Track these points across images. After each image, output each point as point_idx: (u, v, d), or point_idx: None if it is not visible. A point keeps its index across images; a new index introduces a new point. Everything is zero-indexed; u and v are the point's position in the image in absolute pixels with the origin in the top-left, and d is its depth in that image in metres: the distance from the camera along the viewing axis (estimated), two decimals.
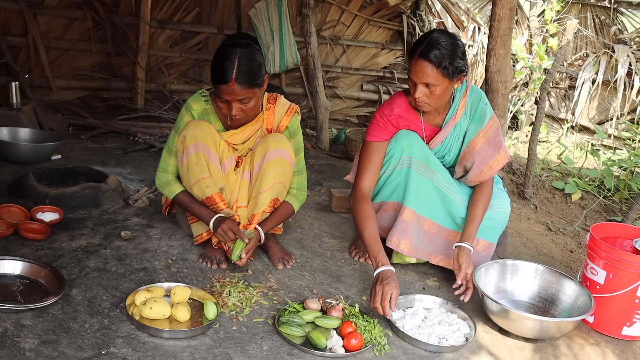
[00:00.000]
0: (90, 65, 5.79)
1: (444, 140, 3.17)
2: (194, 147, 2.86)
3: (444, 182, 3.20)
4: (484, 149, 3.11)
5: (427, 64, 2.83)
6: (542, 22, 7.99)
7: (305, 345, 2.48)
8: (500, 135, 3.16)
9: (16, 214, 3.15)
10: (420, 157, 3.12)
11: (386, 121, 3.13)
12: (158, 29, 5.96)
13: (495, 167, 3.12)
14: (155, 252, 3.03)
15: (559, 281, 3.07)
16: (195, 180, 2.88)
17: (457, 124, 3.14)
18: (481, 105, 3.12)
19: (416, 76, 2.87)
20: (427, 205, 3.18)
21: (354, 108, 7.07)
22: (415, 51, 2.87)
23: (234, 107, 2.81)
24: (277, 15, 6.29)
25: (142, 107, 5.70)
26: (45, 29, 5.48)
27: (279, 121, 3.07)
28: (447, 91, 2.95)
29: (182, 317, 2.48)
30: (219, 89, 2.78)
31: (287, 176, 3.04)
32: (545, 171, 5.81)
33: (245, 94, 2.78)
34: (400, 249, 3.15)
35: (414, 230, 3.18)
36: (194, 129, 2.87)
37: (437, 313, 2.88)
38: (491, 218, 3.20)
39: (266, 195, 2.97)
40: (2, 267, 2.61)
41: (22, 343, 2.19)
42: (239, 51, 2.76)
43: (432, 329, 2.72)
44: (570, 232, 4.68)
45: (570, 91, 7.85)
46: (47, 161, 4.10)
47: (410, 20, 7.09)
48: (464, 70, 2.92)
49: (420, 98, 2.91)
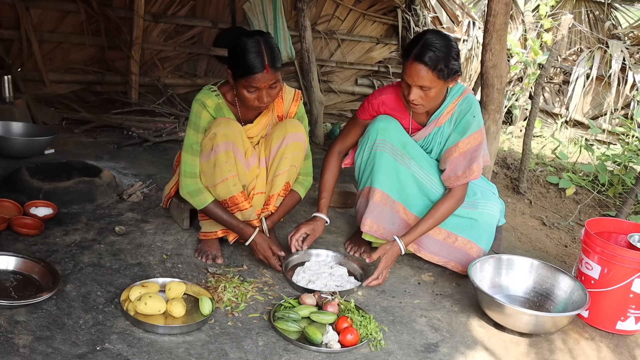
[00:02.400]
0: (84, 59, 5.75)
1: (423, 139, 3.18)
2: (224, 145, 2.81)
3: (422, 171, 3.17)
4: (458, 160, 3.05)
5: (422, 67, 2.79)
6: (537, 17, 7.99)
7: (301, 341, 2.47)
8: (479, 151, 3.05)
9: (9, 209, 3.13)
10: (395, 142, 3.11)
11: (369, 104, 3.17)
12: (152, 23, 5.93)
13: (463, 179, 3.05)
14: (149, 247, 3.02)
15: (554, 276, 3.07)
16: (223, 179, 2.85)
17: (439, 127, 3.11)
18: (467, 117, 3.05)
19: (411, 79, 2.84)
20: (401, 192, 3.18)
21: (349, 102, 7.06)
22: (410, 54, 2.83)
23: (265, 93, 2.78)
24: (271, 9, 6.26)
25: (136, 101, 5.67)
26: (38, 22, 5.44)
27: (288, 107, 3.08)
28: (441, 92, 2.93)
29: (177, 313, 2.47)
30: (252, 79, 2.73)
31: (300, 160, 3.08)
32: (540, 166, 5.81)
33: (276, 77, 2.78)
34: (373, 232, 3.18)
35: (388, 214, 3.18)
36: (226, 127, 2.83)
37: (329, 267, 3.13)
38: (470, 217, 3.20)
39: (282, 178, 3.02)
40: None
41: (16, 339, 2.18)
42: (261, 39, 2.76)
43: (325, 281, 2.93)
44: (565, 226, 4.69)
45: (565, 86, 7.87)
46: (40, 155, 4.08)
47: (405, 14, 7.08)
48: (459, 71, 2.90)
49: (415, 100, 2.88)
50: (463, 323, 2.86)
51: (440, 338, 2.70)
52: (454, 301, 3.03)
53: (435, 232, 3.22)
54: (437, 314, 2.89)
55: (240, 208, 2.93)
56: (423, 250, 3.23)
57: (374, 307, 2.85)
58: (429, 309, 2.92)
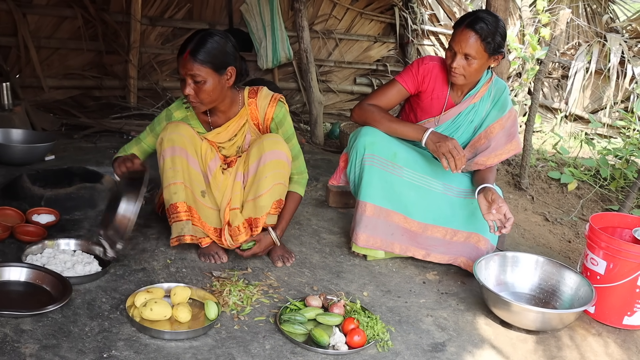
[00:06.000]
0: (82, 64, 5.75)
1: (455, 117, 3.23)
2: (170, 150, 2.84)
3: (416, 174, 3.21)
4: (499, 136, 3.20)
5: (472, 34, 2.95)
6: (534, 12, 7.98)
7: (308, 343, 2.46)
8: (516, 126, 3.24)
9: (11, 216, 3.12)
10: (384, 154, 3.14)
11: (418, 69, 3.19)
12: (149, 26, 5.93)
13: (502, 155, 3.22)
14: (153, 252, 3.01)
15: (559, 272, 3.06)
16: (167, 185, 2.88)
17: (475, 105, 3.21)
18: (505, 95, 3.23)
19: (458, 45, 2.97)
20: (398, 202, 3.19)
21: (348, 102, 7.05)
22: (463, 22, 3.00)
23: (189, 85, 2.75)
24: (268, 10, 6.25)
25: (134, 105, 5.67)
26: (35, 28, 5.43)
27: (264, 113, 3.01)
28: (482, 67, 3.06)
29: (183, 318, 2.46)
30: (178, 64, 2.77)
31: (285, 177, 3.01)
32: (541, 161, 5.81)
33: (197, 70, 2.71)
34: (370, 245, 3.18)
35: (382, 226, 3.18)
36: (172, 132, 2.85)
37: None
38: (467, 208, 3.22)
39: (266, 198, 2.93)
40: (7, 274, 2.57)
41: (23, 348, 2.16)
42: (206, 31, 2.76)
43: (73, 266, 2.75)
44: (568, 222, 4.68)
45: (563, 80, 7.85)
46: (40, 162, 4.06)
47: (402, 12, 7.08)
48: (503, 50, 3.04)
49: (457, 68, 3.01)
50: (469, 321, 2.85)
51: (447, 337, 2.69)
52: (460, 300, 3.02)
53: (434, 231, 3.22)
54: (443, 313, 2.88)
55: (178, 218, 2.92)
56: (432, 254, 3.22)
57: (380, 308, 2.84)
58: (435, 308, 2.91)
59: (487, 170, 3.22)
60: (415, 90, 3.22)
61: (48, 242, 2.89)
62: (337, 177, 3.44)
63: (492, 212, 2.95)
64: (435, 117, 3.25)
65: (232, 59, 2.82)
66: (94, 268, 2.76)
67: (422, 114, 3.28)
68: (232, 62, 2.82)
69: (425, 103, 3.24)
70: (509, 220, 2.94)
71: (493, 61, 3.07)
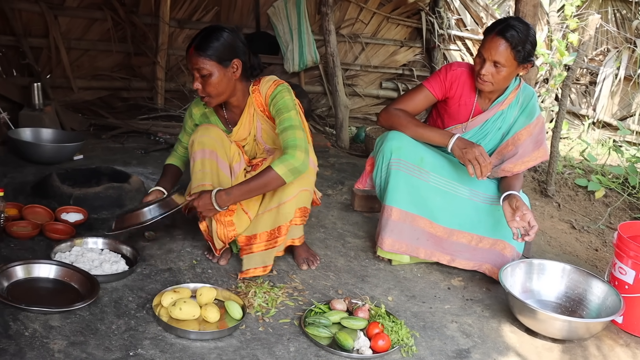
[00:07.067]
0: (110, 66, 5.82)
1: (483, 124, 3.21)
2: (200, 152, 2.87)
3: (443, 180, 3.21)
4: (527, 143, 3.18)
5: (502, 42, 2.93)
6: (562, 17, 7.91)
7: (332, 347, 2.46)
8: (543, 134, 3.22)
9: (41, 214, 3.16)
10: (410, 159, 3.13)
11: (446, 75, 3.18)
12: (177, 29, 5.99)
13: (530, 162, 3.20)
14: (179, 252, 3.03)
15: (586, 281, 3.03)
16: (195, 186, 2.91)
17: (503, 111, 3.20)
18: (533, 101, 3.22)
19: (488, 52, 2.96)
20: (424, 206, 3.18)
21: (373, 106, 7.05)
22: (493, 29, 2.98)
23: (197, 79, 2.78)
24: (295, 14, 6.27)
25: (162, 107, 5.72)
26: (66, 29, 5.51)
27: (264, 97, 2.95)
28: (511, 75, 3.04)
29: (212, 318, 2.48)
30: (186, 59, 2.83)
31: (312, 183, 2.98)
32: (568, 168, 5.75)
33: (202, 64, 2.73)
34: (395, 249, 3.18)
35: (408, 230, 3.17)
36: (202, 135, 2.88)
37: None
38: (493, 215, 3.19)
39: (290, 205, 2.87)
40: (37, 270, 2.61)
41: (51, 344, 2.20)
42: (212, 27, 2.79)
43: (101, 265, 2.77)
44: (595, 230, 4.63)
45: (591, 87, 7.77)
46: (69, 161, 4.12)
47: (429, 17, 7.06)
48: (532, 59, 3.02)
49: (485, 76, 2.99)
50: (494, 329, 2.83)
51: (472, 344, 2.68)
52: (485, 306, 3.01)
53: (459, 237, 3.21)
54: (468, 320, 2.86)
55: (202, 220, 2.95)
56: (457, 259, 3.21)
57: (404, 313, 2.83)
58: (460, 314, 2.90)
59: (513, 177, 3.20)
60: (443, 96, 3.21)
61: (76, 240, 2.93)
62: (363, 181, 3.44)
63: (516, 220, 2.93)
64: (463, 124, 3.24)
65: (239, 52, 2.82)
66: (121, 267, 2.79)
67: (450, 120, 3.27)
68: (238, 55, 2.82)
69: (452, 109, 3.23)
70: (533, 228, 2.92)
71: (522, 69, 3.05)
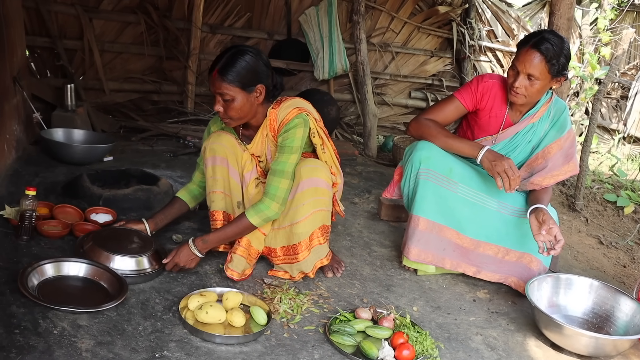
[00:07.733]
0: (142, 69, 5.89)
1: (513, 136, 3.20)
2: (211, 159, 2.92)
3: (470, 190, 3.19)
4: (557, 157, 3.17)
5: (537, 55, 2.93)
6: (594, 30, 7.84)
7: (357, 355, 2.46)
8: (574, 148, 3.21)
9: (71, 214, 3.21)
10: (439, 169, 3.13)
11: (477, 86, 3.18)
12: (209, 34, 6.04)
13: (559, 177, 3.18)
14: (206, 256, 3.05)
15: (614, 297, 2.99)
16: (207, 192, 2.98)
17: (534, 124, 3.18)
18: (564, 115, 3.20)
19: (522, 65, 2.96)
20: (452, 217, 3.18)
21: (402, 115, 7.04)
22: (528, 42, 2.98)
23: (218, 102, 2.79)
24: (327, 22, 6.29)
25: (192, 111, 5.77)
26: (100, 32, 5.60)
27: (279, 124, 2.91)
28: (544, 88, 3.04)
29: (238, 323, 2.49)
30: (208, 81, 2.83)
31: (327, 202, 2.94)
32: (597, 183, 5.69)
33: (225, 89, 2.73)
34: (422, 259, 3.18)
35: (435, 241, 3.17)
36: (214, 142, 2.92)
37: None
38: (524, 226, 3.15)
39: (304, 225, 2.88)
40: (67, 268, 2.64)
41: (79, 343, 2.22)
42: (236, 50, 2.77)
43: None
44: (623, 246, 4.57)
45: (623, 101, 7.69)
46: (99, 162, 4.17)
47: (460, 27, 7.04)
48: (566, 73, 3.01)
49: (519, 88, 2.99)
50: (519, 342, 2.81)
51: (497, 357, 2.66)
52: (510, 320, 2.98)
53: (486, 249, 3.19)
54: (493, 332, 2.84)
55: (214, 225, 2.97)
56: (483, 271, 3.19)
57: (429, 324, 2.82)
58: (485, 327, 2.88)
59: (542, 191, 3.17)
60: (473, 108, 3.20)
61: None
62: (391, 190, 3.44)
63: (542, 233, 2.91)
64: (493, 136, 3.22)
65: (262, 77, 2.81)
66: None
67: (480, 132, 3.26)
68: (262, 80, 2.81)
69: (482, 121, 3.22)
70: (559, 242, 2.89)
71: (555, 83, 3.03)
